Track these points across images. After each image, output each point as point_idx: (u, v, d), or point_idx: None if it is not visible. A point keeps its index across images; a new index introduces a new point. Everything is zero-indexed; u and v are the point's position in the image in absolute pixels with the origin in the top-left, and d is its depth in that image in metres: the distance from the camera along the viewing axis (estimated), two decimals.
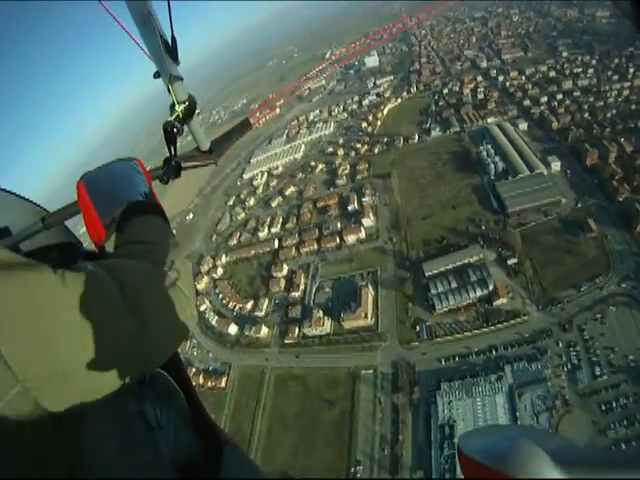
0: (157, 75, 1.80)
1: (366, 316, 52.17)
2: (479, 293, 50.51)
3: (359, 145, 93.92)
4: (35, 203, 2.06)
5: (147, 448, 1.17)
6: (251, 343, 57.00)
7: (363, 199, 74.57)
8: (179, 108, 1.79)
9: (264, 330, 57.20)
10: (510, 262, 53.44)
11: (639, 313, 42.38)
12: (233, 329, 59.04)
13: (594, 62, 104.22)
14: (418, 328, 50.05)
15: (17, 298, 0.60)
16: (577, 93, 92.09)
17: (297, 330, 54.71)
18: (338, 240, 66.61)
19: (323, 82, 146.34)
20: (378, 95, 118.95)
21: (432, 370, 45.28)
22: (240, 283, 70.32)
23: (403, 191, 75.47)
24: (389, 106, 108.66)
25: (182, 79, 1.81)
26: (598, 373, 38.46)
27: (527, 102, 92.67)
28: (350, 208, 73.40)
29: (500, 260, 54.96)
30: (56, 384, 0.64)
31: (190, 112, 1.86)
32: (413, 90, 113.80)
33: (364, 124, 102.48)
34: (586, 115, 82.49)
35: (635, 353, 38.58)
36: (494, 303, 49.03)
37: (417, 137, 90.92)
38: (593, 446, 32.47)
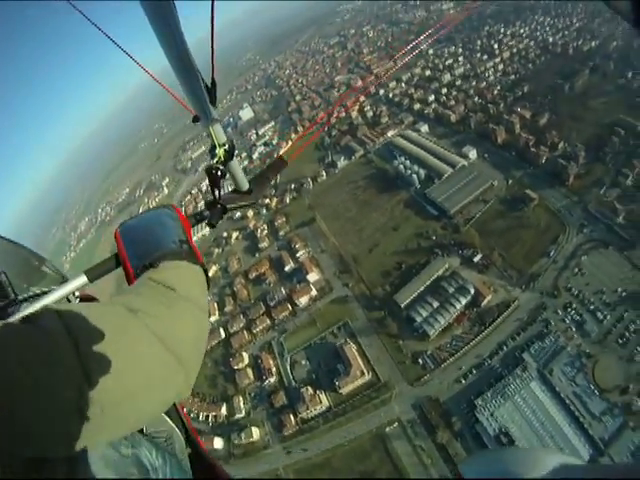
0: (196, 119, 2.16)
1: (362, 373, 55.59)
2: (464, 301, 57.21)
3: (267, 200, 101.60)
4: (30, 250, 2.66)
5: None
6: (246, 451, 56.76)
7: (297, 254, 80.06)
8: (220, 151, 2.24)
9: (255, 431, 57.45)
10: (476, 259, 62.57)
11: (606, 250, 57.52)
12: (218, 443, 58.51)
13: (460, 50, 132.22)
14: (421, 361, 54.68)
15: None
16: (459, 82, 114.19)
17: (293, 418, 55.86)
18: (290, 306, 70.25)
19: (204, 148, 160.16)
20: (266, 144, 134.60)
21: (457, 393, 50.01)
22: (200, 388, 69.74)
23: (335, 231, 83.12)
24: (282, 151, 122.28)
25: (220, 121, 2.23)
26: (601, 317, 50.23)
27: (417, 105, 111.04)
28: (287, 268, 78.47)
29: (465, 261, 63.69)
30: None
31: (230, 154, 2.32)
32: (299, 129, 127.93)
33: None
34: (476, 99, 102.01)
35: (620, 284, 52.49)
36: (482, 304, 56.57)
37: (324, 173, 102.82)
38: (594, 464, 42.04)
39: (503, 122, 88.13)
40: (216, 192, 2.18)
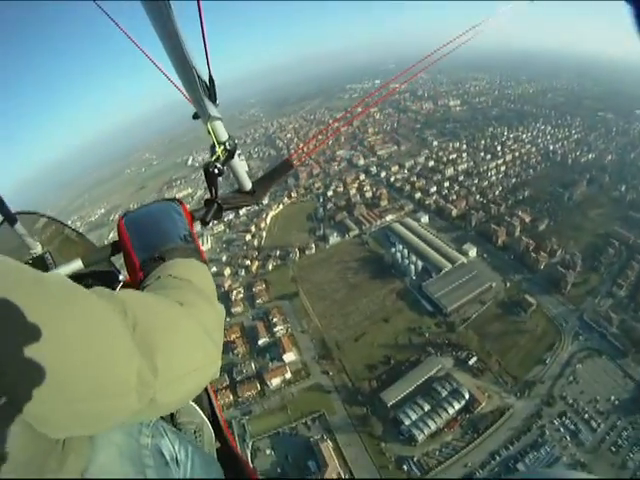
0: (196, 116, 2.52)
1: (339, 476, 56.50)
2: (457, 406, 61.22)
3: (248, 262, 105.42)
4: (71, 227, 3.35)
5: None
6: None
7: (275, 329, 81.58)
8: (219, 149, 2.51)
9: None
10: (471, 362, 69.06)
11: (600, 358, 67.85)
12: None
13: (464, 146, 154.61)
14: (406, 467, 56.38)
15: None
16: (461, 178, 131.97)
17: None
18: (259, 385, 71.04)
19: (190, 190, 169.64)
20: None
21: None
22: None
23: (320, 312, 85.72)
24: (271, 213, 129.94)
25: (221, 119, 2.52)
26: (595, 426, 58.19)
27: (418, 194, 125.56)
28: (261, 342, 79.76)
29: (460, 363, 69.84)
30: (60, 408, 0.89)
31: (231, 153, 2.60)
32: (294, 195, 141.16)
33: (248, 236, 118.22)
34: (478, 197, 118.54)
35: (613, 392, 61.97)
36: (475, 410, 61.56)
37: (314, 246, 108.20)
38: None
39: (504, 223, 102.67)
40: (213, 190, 2.56)
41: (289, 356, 75.80)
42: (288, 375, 72.67)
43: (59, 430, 0.93)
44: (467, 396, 62.97)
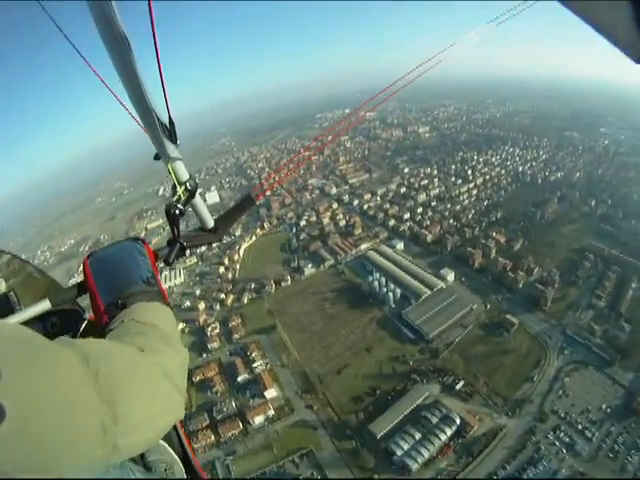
0: (157, 157, 2.64)
1: None
2: (449, 432, 62.00)
3: (223, 295, 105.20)
4: (36, 266, 3.40)
5: None
6: None
7: (254, 365, 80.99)
8: (180, 189, 2.65)
9: None
10: (458, 387, 69.45)
11: (587, 370, 70.77)
12: None
13: (435, 172, 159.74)
14: None
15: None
16: (434, 203, 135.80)
17: None
18: (241, 424, 69.74)
19: (160, 221, 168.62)
20: (228, 234, 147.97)
21: None
22: None
23: (299, 345, 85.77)
24: (244, 245, 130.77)
25: (182, 159, 2.64)
26: (590, 435, 60.75)
27: (392, 221, 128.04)
28: (240, 379, 78.80)
29: (447, 389, 70.20)
30: (21, 456, 0.92)
31: (191, 193, 2.73)
32: (267, 225, 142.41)
33: (221, 269, 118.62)
34: (452, 221, 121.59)
35: (603, 401, 65.19)
36: (468, 434, 61.90)
37: (289, 278, 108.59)
38: None
39: (479, 246, 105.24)
40: (175, 230, 2.71)
41: (271, 392, 74.97)
42: (271, 412, 71.78)
43: (22, 475, 0.95)
44: (458, 421, 63.57)
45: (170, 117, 2.37)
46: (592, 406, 64.95)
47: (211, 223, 3.39)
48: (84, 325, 2.74)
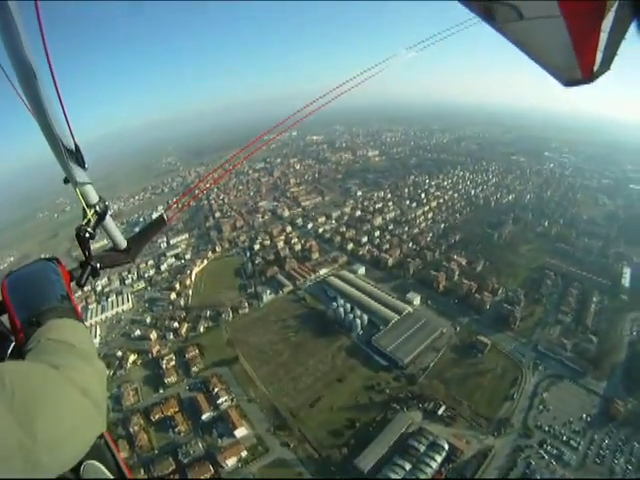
0: (67, 181, 2.79)
1: None
2: (439, 459, 62.21)
3: (176, 324, 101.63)
4: None
5: None
6: None
7: (218, 400, 77.40)
8: (90, 213, 2.86)
9: None
10: (440, 412, 70.23)
11: (562, 383, 75.57)
12: None
13: (389, 195, 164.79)
14: None
15: None
16: (391, 226, 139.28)
17: None
18: (211, 467, 65.19)
19: (105, 241, 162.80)
20: (177, 257, 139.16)
21: None
22: None
23: (265, 377, 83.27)
24: (196, 269, 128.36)
25: (91, 183, 2.80)
26: (575, 445, 65.59)
27: (350, 245, 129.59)
28: (205, 417, 75.00)
29: (429, 415, 70.65)
30: None
31: (101, 215, 2.95)
32: (218, 249, 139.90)
33: (172, 295, 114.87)
34: (411, 245, 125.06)
35: (583, 410, 70.62)
36: (457, 459, 62.40)
37: (247, 305, 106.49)
38: None
39: (442, 268, 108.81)
40: (86, 252, 2.95)
41: (241, 431, 71.31)
42: (244, 453, 67.76)
43: None
44: (446, 446, 64.20)
45: (75, 142, 2.54)
46: (573, 417, 69.89)
47: (124, 244, 3.64)
48: (11, 348, 2.59)
